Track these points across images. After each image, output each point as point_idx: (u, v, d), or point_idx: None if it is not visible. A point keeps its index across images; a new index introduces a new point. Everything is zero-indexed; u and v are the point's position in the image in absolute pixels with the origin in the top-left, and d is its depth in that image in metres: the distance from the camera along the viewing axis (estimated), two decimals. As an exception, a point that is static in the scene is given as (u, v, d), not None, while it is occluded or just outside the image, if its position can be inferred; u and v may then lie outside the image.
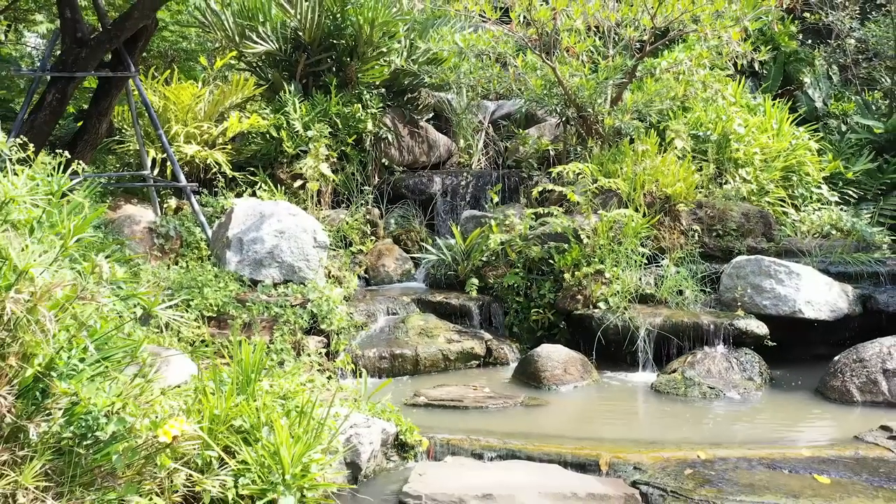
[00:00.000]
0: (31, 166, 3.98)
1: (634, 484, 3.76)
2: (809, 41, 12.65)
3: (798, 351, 6.10)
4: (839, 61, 11.94)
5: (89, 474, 2.66)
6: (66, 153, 4.83)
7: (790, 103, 11.69)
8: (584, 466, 3.97)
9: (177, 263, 6.87)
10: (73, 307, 2.68)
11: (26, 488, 2.40)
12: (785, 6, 8.16)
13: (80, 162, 5.05)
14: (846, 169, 9.67)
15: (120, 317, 3.46)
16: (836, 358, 5.50)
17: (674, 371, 5.78)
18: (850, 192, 9.55)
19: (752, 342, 6.00)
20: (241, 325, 5.43)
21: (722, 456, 4.05)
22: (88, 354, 2.75)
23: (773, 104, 9.73)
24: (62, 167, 4.00)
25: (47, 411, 2.62)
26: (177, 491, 3.00)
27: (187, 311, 5.37)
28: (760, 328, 6.00)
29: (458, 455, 4.18)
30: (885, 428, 4.41)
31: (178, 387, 3.25)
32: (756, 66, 10.54)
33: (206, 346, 4.86)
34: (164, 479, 2.90)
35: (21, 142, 3.98)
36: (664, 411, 5.21)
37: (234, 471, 3.23)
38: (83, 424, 2.66)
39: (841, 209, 8.84)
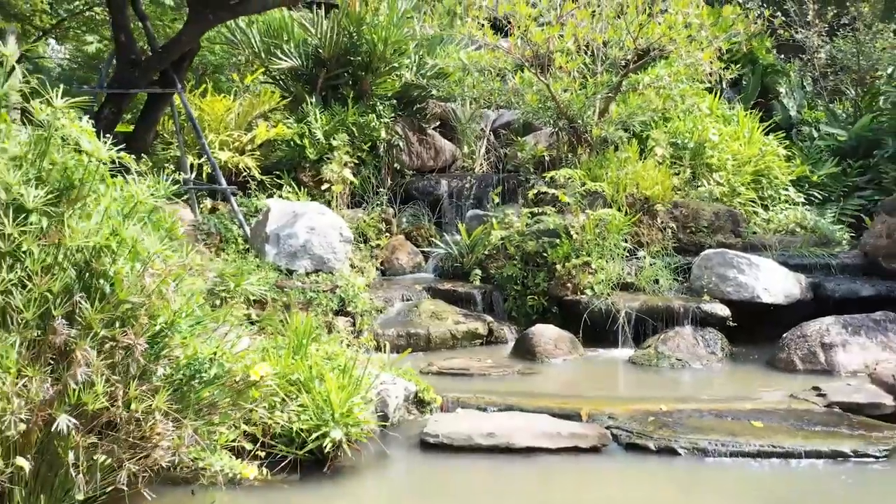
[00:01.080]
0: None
1: (608, 428, 4.63)
2: (784, 55, 13.53)
3: (756, 331, 6.95)
4: (811, 74, 12.81)
5: (197, 405, 3.53)
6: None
7: (767, 112, 12.60)
8: (568, 416, 4.83)
9: (218, 256, 7.74)
10: (185, 281, 3.56)
11: (159, 409, 3.28)
12: (752, 32, 8.98)
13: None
14: (812, 173, 10.53)
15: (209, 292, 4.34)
16: (785, 335, 6.38)
17: (649, 347, 6.66)
18: (816, 194, 10.40)
19: (716, 323, 6.87)
20: (282, 306, 6.31)
21: (679, 409, 4.93)
22: (195, 317, 3.63)
23: (747, 114, 10.61)
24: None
25: (167, 357, 3.49)
26: (256, 424, 3.88)
27: (235, 295, 6.25)
28: (723, 311, 6.88)
29: (466, 408, 5.05)
30: (815, 388, 5.29)
31: (247, 349, 4.11)
32: (732, 79, 11.46)
33: (254, 322, 5.73)
34: (248, 413, 3.78)
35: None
36: (638, 378, 6.10)
37: (294, 411, 4.10)
38: (193, 368, 3.54)
39: (807, 209, 9.69)
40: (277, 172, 9.66)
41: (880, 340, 6.10)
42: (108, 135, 7.75)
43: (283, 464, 4.00)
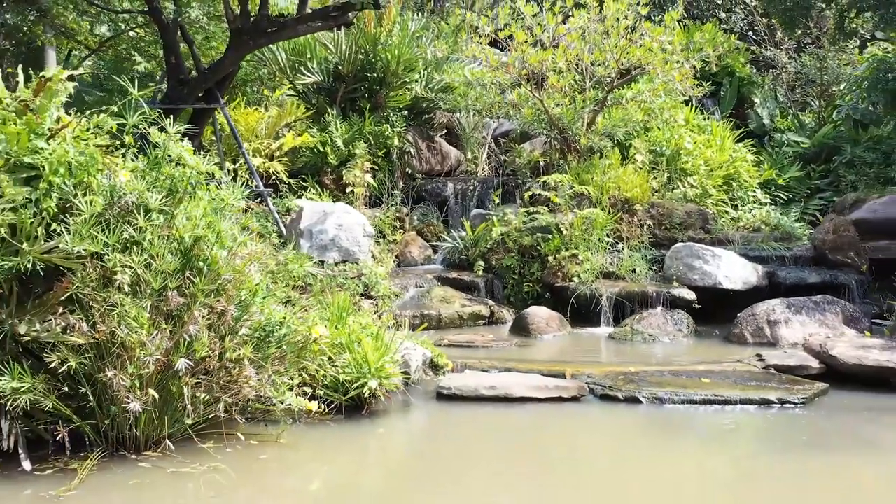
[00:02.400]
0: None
1: (586, 384, 5.67)
2: (758, 68, 14.56)
3: (718, 312, 7.98)
4: (781, 86, 13.84)
5: (270, 357, 4.58)
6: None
7: (743, 120, 13.66)
8: (555, 375, 5.86)
9: (256, 249, 8.78)
10: (261, 262, 4.61)
11: (247, 357, 4.32)
12: (719, 53, 10.01)
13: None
14: (779, 176, 11.59)
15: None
16: (739, 314, 7.43)
17: (626, 325, 7.70)
18: (782, 195, 11.47)
19: (683, 305, 7.92)
20: (318, 290, 7.34)
21: (644, 370, 5.97)
22: (268, 290, 4.67)
23: (721, 123, 11.66)
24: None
25: (249, 320, 4.53)
26: (311, 374, 4.93)
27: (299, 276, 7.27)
28: (690, 295, 7.93)
29: (472, 370, 6.09)
30: (758, 355, 6.33)
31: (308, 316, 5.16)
32: (711, 91, 12.50)
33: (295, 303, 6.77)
34: (307, 364, 4.83)
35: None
36: (615, 349, 7.14)
37: (340, 366, 5.14)
38: (267, 328, 4.59)
39: (772, 209, 10.74)
40: (302, 176, 10.69)
41: (818, 318, 7.15)
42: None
43: (330, 407, 5.03)
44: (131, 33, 11.61)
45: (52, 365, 3.88)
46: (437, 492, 4.09)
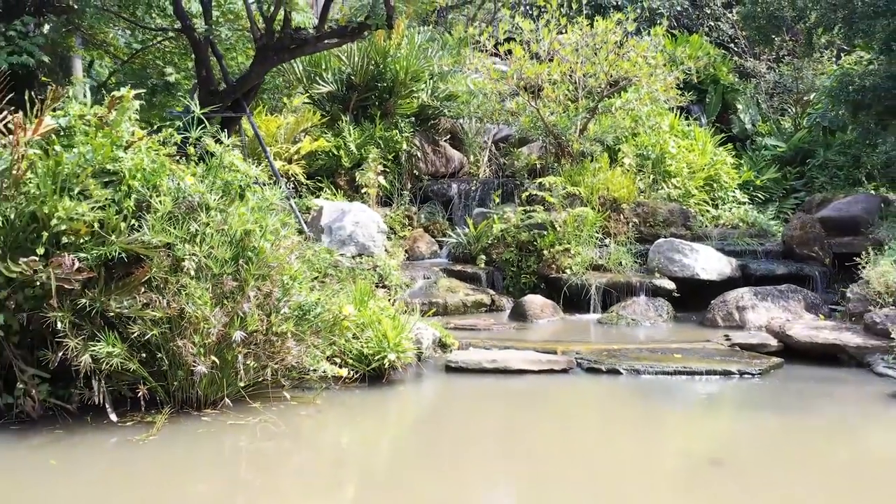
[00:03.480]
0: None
1: (575, 358, 6.46)
2: (742, 76, 15.34)
3: (695, 300, 8.72)
4: (762, 94, 14.62)
5: (307, 331, 5.37)
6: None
7: (728, 125, 14.45)
8: (548, 352, 6.65)
9: (279, 244, 9.57)
10: (300, 252, 5.40)
11: (290, 331, 5.11)
12: (700, 65, 10.80)
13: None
14: (757, 177, 12.38)
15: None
16: (712, 301, 8.22)
17: (612, 311, 8.49)
18: (759, 195, 12.25)
19: (664, 294, 8.71)
20: (344, 276, 8.12)
21: (625, 347, 6.77)
22: (305, 276, 5.47)
23: (703, 129, 12.45)
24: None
25: (289, 300, 5.32)
26: (340, 348, 5.72)
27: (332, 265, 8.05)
28: (670, 285, 8.72)
29: (476, 348, 6.89)
30: (726, 336, 7.13)
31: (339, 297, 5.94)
32: (697, 97, 13.28)
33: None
34: (336, 340, 5.62)
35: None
36: (602, 332, 7.94)
37: (363, 341, 5.93)
38: (305, 307, 5.38)
39: (750, 207, 11.52)
40: (318, 178, 11.47)
41: (781, 305, 7.94)
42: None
43: (356, 376, 5.82)
44: (161, 45, 12.37)
45: (134, 335, 4.68)
46: (447, 443, 4.90)
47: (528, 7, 10.63)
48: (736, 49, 14.05)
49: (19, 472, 4.18)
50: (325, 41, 9.30)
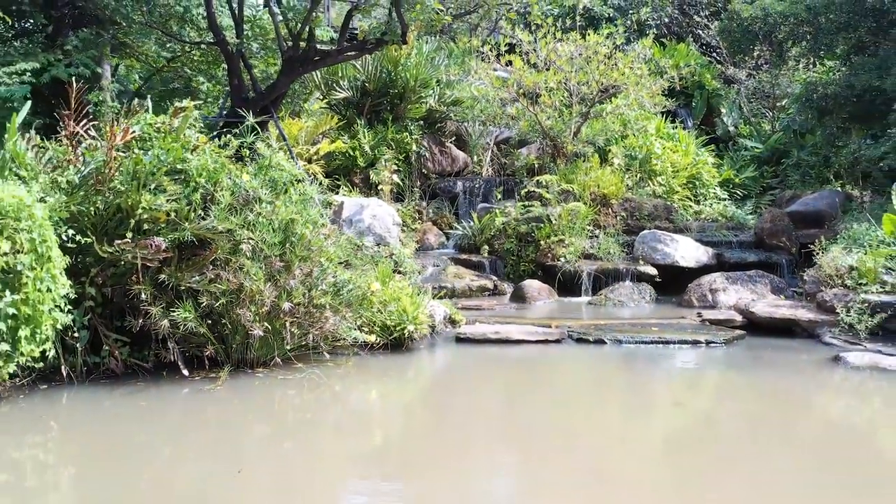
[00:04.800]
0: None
1: (566, 331, 7.36)
2: (726, 82, 16.21)
3: (676, 285, 9.62)
4: (743, 98, 15.49)
5: (342, 304, 6.28)
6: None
7: (712, 127, 15.33)
8: (543, 326, 7.55)
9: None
10: (335, 238, 6.31)
11: (328, 304, 6.02)
12: (683, 73, 11.70)
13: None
14: (736, 176, 13.26)
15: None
16: (689, 285, 9.13)
17: (601, 294, 9.40)
18: (738, 192, 13.14)
19: (647, 279, 9.61)
20: (368, 260, 9.01)
21: (611, 322, 7.68)
22: (338, 258, 6.38)
23: (686, 131, 13.33)
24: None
25: (326, 278, 6.22)
26: (367, 320, 6.63)
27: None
28: (653, 271, 9.62)
29: (481, 323, 7.79)
30: (698, 314, 8.04)
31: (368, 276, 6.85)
32: (684, 101, 14.16)
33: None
34: (363, 313, 6.53)
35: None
36: (592, 311, 8.84)
37: (386, 315, 6.83)
38: (339, 284, 6.30)
39: (729, 203, 12.42)
40: (336, 176, 12.35)
41: (750, 288, 8.84)
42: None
43: (380, 344, 6.72)
44: (189, 55, 13.26)
45: (203, 305, 5.59)
46: (458, 397, 5.82)
47: (526, 22, 11.50)
48: (719, 58, 14.91)
49: (116, 413, 5.10)
50: (346, 54, 10.20)
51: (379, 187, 11.61)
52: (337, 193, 11.86)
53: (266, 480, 3.93)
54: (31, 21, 10.29)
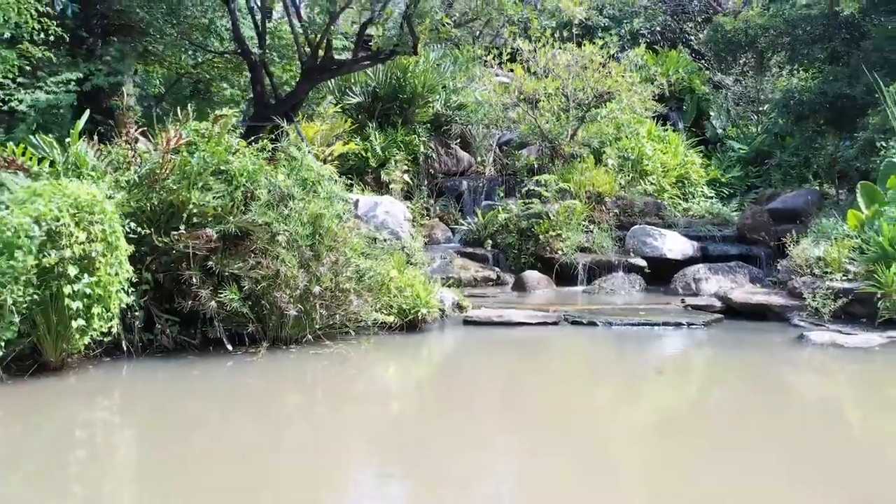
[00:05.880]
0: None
1: (563, 315, 8.07)
2: (715, 87, 16.91)
3: (663, 275, 10.28)
4: (731, 102, 16.19)
5: (365, 288, 6.99)
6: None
7: (703, 129, 16.03)
8: (542, 311, 8.27)
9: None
10: (357, 231, 7.02)
11: (352, 288, 6.73)
12: (675, 78, 12.41)
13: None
14: (723, 175, 13.96)
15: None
16: (675, 275, 9.84)
17: (595, 284, 10.11)
18: (725, 191, 13.84)
19: (638, 270, 10.32)
20: (386, 251, 9.70)
21: (603, 308, 8.39)
22: (361, 248, 7.09)
23: (676, 134, 14.04)
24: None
25: (347, 265, 6.93)
26: (386, 304, 7.34)
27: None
28: (643, 263, 10.33)
29: (486, 308, 8.50)
30: (682, 300, 8.75)
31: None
32: (676, 105, 14.84)
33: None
34: (383, 297, 7.25)
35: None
36: (586, 299, 9.56)
37: (402, 299, 7.54)
38: (361, 271, 7.01)
39: (716, 201, 13.13)
40: (349, 176, 13.04)
41: (730, 277, 9.55)
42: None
43: (396, 325, 7.43)
44: (212, 62, 13.97)
45: (245, 289, 6.31)
46: (466, 370, 6.54)
47: (527, 34, 12.21)
48: (708, 64, 15.61)
49: (170, 382, 5.81)
50: (361, 63, 10.91)
51: (390, 186, 12.31)
52: (351, 192, 12.57)
53: (299, 440, 4.64)
54: (73, 35, 10.98)
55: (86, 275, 5.41)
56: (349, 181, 12.86)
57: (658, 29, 17.06)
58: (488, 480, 3.95)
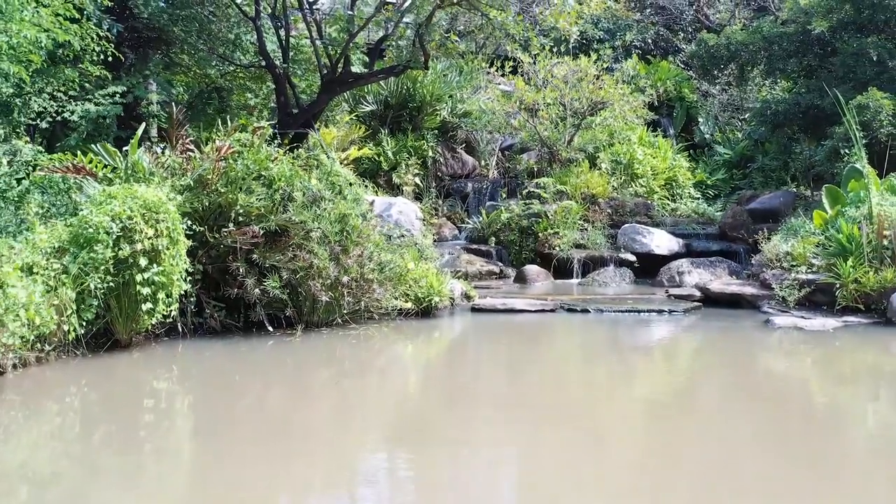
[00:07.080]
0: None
1: (560, 304, 8.91)
2: (704, 94, 17.73)
3: (651, 269, 11.13)
4: (718, 109, 17.02)
5: (386, 279, 7.83)
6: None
7: (692, 135, 16.85)
8: (541, 300, 9.12)
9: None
10: (379, 228, 7.86)
11: (375, 278, 7.57)
12: (664, 88, 13.25)
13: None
14: (709, 178, 14.80)
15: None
16: (661, 269, 10.68)
17: (589, 277, 10.95)
18: (710, 192, 14.68)
19: (628, 265, 11.16)
20: (404, 245, 10.54)
21: (595, 297, 9.25)
22: (382, 243, 7.94)
23: (665, 140, 14.88)
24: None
25: (370, 258, 7.77)
26: (404, 292, 8.19)
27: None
28: (632, 258, 11.17)
29: (491, 297, 9.35)
30: (666, 291, 9.60)
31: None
32: (667, 111, 15.68)
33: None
34: (401, 286, 8.09)
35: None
36: (580, 289, 10.41)
37: (418, 288, 8.38)
38: (382, 264, 7.86)
39: (702, 202, 13.96)
40: (363, 178, 13.89)
41: (710, 271, 10.40)
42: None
43: (412, 312, 8.28)
44: (235, 73, 14.80)
45: (284, 278, 7.16)
46: (474, 350, 7.39)
47: (527, 49, 13.07)
48: (694, 75, 16.43)
49: (219, 358, 6.67)
50: (376, 76, 11.75)
51: (401, 188, 13.16)
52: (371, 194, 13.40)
53: (329, 404, 5.49)
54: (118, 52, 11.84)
55: (154, 265, 6.26)
56: (363, 184, 13.74)
57: (651, 39, 17.88)
58: (494, 439, 4.81)
